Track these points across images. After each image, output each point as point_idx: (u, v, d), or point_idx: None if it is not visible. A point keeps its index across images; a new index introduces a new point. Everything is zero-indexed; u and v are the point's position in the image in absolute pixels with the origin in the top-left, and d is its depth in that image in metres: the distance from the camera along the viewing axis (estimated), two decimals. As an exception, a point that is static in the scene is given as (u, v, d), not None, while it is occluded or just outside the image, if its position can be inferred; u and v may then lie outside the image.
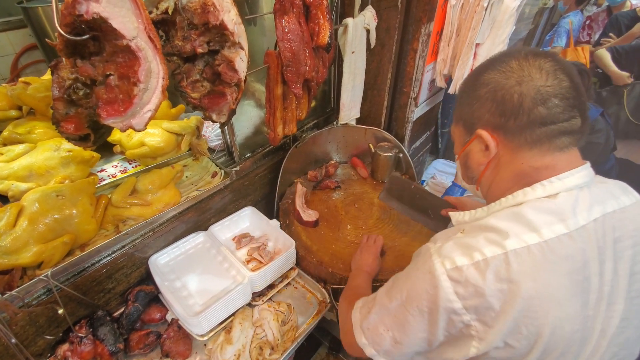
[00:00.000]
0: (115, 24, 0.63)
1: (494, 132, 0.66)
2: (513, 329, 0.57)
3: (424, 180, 2.56)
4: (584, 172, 0.64)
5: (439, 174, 2.61)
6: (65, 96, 0.75)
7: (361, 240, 1.35)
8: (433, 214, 1.22)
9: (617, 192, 0.67)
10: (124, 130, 0.73)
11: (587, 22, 3.31)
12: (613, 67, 2.35)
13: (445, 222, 1.21)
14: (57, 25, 0.65)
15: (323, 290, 1.29)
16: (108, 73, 0.71)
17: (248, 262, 1.30)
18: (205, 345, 1.13)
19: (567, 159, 0.64)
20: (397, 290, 0.69)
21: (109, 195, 1.14)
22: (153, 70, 0.71)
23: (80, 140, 0.82)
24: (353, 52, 1.47)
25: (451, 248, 0.62)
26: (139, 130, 0.74)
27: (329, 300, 1.26)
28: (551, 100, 0.60)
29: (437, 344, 0.65)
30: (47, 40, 0.70)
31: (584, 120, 0.62)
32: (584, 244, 0.59)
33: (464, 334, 0.61)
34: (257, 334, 1.16)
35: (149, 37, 0.68)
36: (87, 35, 0.67)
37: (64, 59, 0.71)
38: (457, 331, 0.61)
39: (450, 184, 1.72)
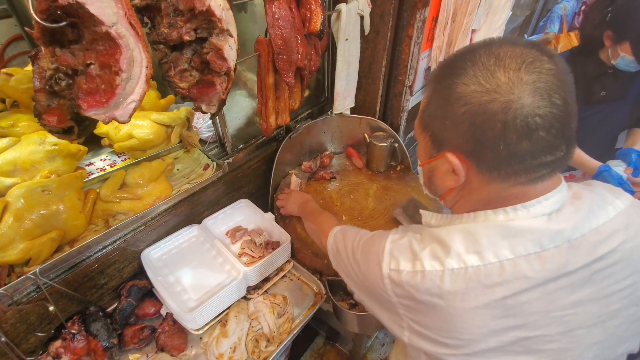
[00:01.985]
0: (92, 9, 0.60)
1: (466, 158, 0.59)
2: (438, 336, 0.59)
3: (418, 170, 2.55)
4: (554, 197, 0.58)
5: (435, 163, 2.59)
6: (46, 87, 0.72)
7: (279, 202, 1.44)
8: None
9: (595, 208, 0.61)
10: (107, 122, 0.70)
11: (582, 7, 3.28)
12: None
13: None
14: (32, 12, 0.62)
15: (319, 282, 1.29)
16: (89, 62, 0.68)
17: (242, 255, 1.29)
18: (200, 338, 1.12)
19: (541, 187, 0.58)
20: (355, 256, 0.73)
21: (98, 190, 1.11)
22: (136, 59, 0.68)
23: (63, 133, 0.79)
24: (347, 39, 1.43)
25: (401, 249, 0.63)
26: (123, 122, 0.71)
27: (324, 292, 1.26)
28: (537, 133, 0.51)
29: (379, 314, 0.70)
30: (25, 28, 0.66)
31: (569, 148, 0.55)
32: (531, 272, 0.55)
33: (397, 321, 0.65)
34: (252, 327, 1.15)
35: (130, 23, 0.65)
36: (64, 22, 0.64)
37: (42, 48, 0.67)
38: (393, 315, 0.66)
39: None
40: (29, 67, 1.28)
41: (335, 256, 0.84)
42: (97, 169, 1.28)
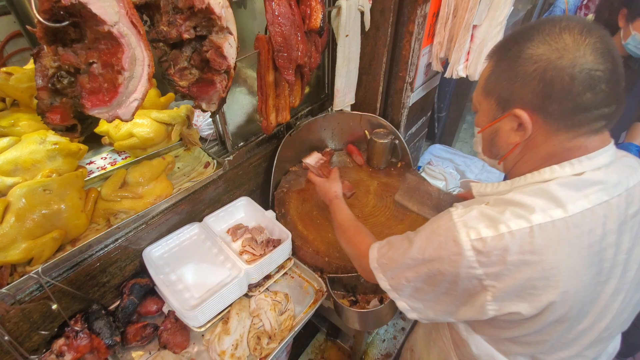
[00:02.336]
0: (94, 9, 0.60)
1: (532, 113, 0.63)
2: (530, 294, 0.61)
3: (420, 166, 2.55)
4: (610, 151, 0.65)
5: (435, 159, 2.60)
6: (49, 85, 0.71)
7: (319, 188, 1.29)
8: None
9: (636, 165, 0.69)
10: (111, 121, 0.70)
11: (585, 1, 3.26)
12: None
13: None
14: (34, 12, 0.62)
15: (319, 279, 1.29)
16: (91, 61, 0.68)
17: (243, 253, 1.29)
18: (202, 336, 1.13)
19: (599, 140, 0.64)
20: (417, 250, 0.70)
21: (99, 189, 1.11)
22: (138, 58, 0.67)
23: (66, 131, 0.79)
24: (347, 36, 1.43)
25: (477, 219, 0.63)
26: (126, 121, 0.71)
27: (325, 289, 1.26)
28: (599, 86, 0.58)
29: (457, 302, 0.69)
30: (27, 27, 0.66)
31: (619, 103, 0.61)
32: (605, 218, 0.62)
33: (482, 297, 0.64)
34: (254, 324, 1.16)
35: (132, 22, 0.64)
36: (67, 22, 0.63)
37: (45, 46, 0.67)
38: (476, 293, 0.65)
39: None
40: (29, 66, 1.27)
41: (386, 269, 0.79)
42: (97, 168, 1.28)
